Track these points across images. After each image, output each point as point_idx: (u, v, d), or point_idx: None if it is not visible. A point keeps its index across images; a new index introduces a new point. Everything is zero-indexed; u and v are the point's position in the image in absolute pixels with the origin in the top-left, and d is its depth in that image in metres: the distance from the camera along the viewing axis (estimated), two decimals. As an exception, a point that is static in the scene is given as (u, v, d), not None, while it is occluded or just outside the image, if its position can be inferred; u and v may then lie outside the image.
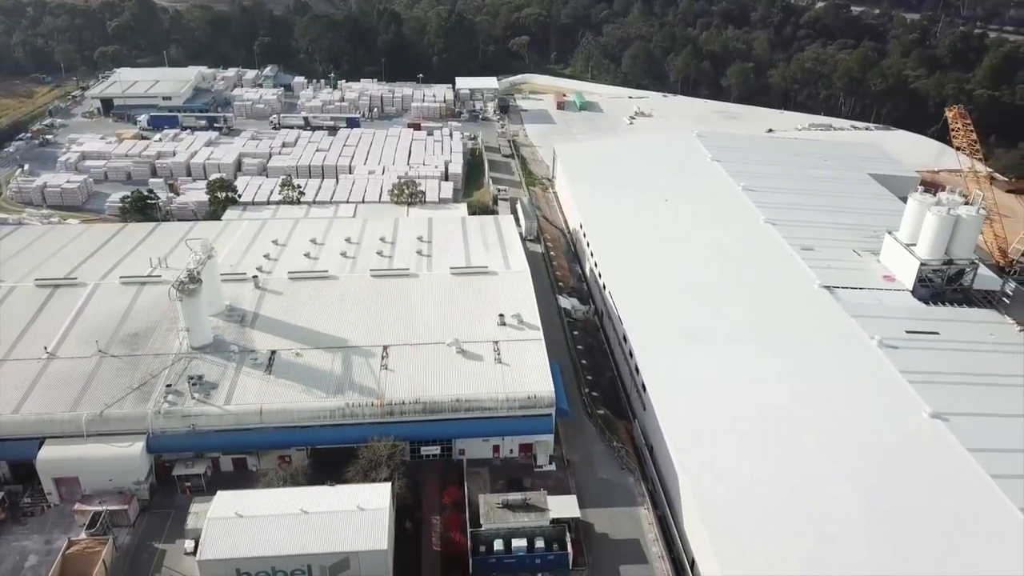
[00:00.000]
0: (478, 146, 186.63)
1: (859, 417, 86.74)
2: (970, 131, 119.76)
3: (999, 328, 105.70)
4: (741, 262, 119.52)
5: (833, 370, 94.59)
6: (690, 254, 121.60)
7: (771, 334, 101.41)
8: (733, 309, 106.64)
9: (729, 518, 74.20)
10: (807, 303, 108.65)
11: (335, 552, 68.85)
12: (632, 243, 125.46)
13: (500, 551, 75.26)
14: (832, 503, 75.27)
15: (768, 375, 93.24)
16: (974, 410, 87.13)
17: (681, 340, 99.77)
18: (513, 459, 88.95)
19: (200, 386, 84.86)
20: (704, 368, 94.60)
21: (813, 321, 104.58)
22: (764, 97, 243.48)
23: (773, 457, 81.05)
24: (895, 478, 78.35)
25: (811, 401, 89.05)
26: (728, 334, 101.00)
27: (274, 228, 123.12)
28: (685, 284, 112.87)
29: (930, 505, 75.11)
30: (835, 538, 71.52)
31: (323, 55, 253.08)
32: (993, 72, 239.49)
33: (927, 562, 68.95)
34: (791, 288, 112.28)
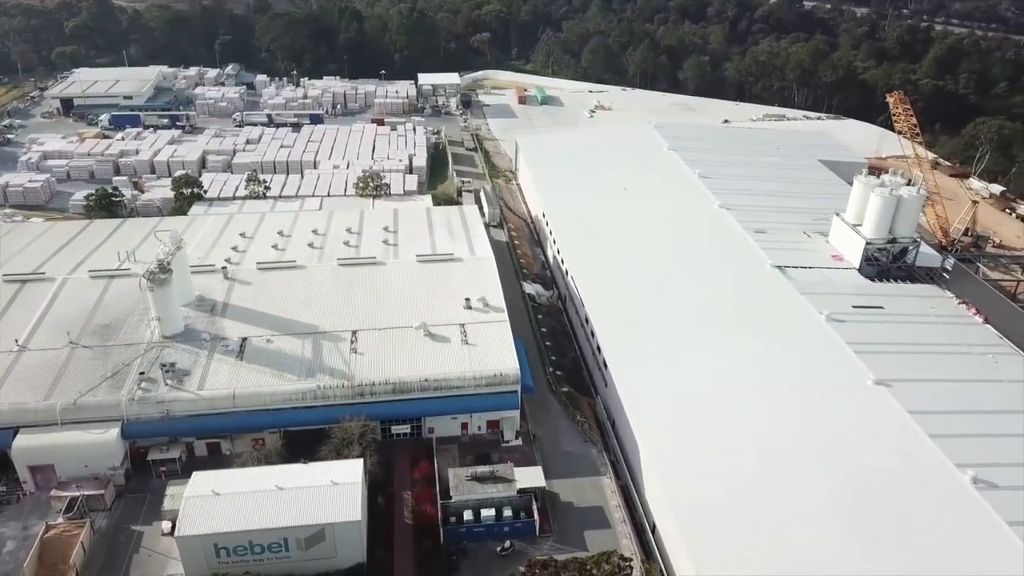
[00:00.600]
0: (441, 140, 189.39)
1: (809, 384, 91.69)
2: (910, 115, 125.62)
3: (939, 302, 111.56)
4: (697, 245, 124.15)
5: (784, 343, 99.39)
6: (649, 239, 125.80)
7: (726, 312, 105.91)
8: (690, 289, 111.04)
9: (687, 485, 78.01)
10: (760, 282, 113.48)
11: (310, 524, 71.43)
12: (593, 230, 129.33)
13: (470, 521, 78.58)
14: (785, 465, 79.69)
15: (723, 349, 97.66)
16: (915, 377, 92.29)
17: (641, 320, 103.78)
18: (481, 435, 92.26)
19: (173, 373, 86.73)
20: (663, 345, 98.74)
21: (765, 299, 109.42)
22: (720, 89, 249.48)
23: (729, 424, 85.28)
24: (843, 439, 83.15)
25: (764, 371, 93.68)
26: (685, 313, 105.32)
27: (241, 222, 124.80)
28: (644, 267, 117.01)
29: (874, 463, 79.95)
30: (788, 495, 75.93)
31: (285, 53, 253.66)
32: (938, 63, 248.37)
33: (871, 513, 73.71)
34: (745, 268, 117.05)
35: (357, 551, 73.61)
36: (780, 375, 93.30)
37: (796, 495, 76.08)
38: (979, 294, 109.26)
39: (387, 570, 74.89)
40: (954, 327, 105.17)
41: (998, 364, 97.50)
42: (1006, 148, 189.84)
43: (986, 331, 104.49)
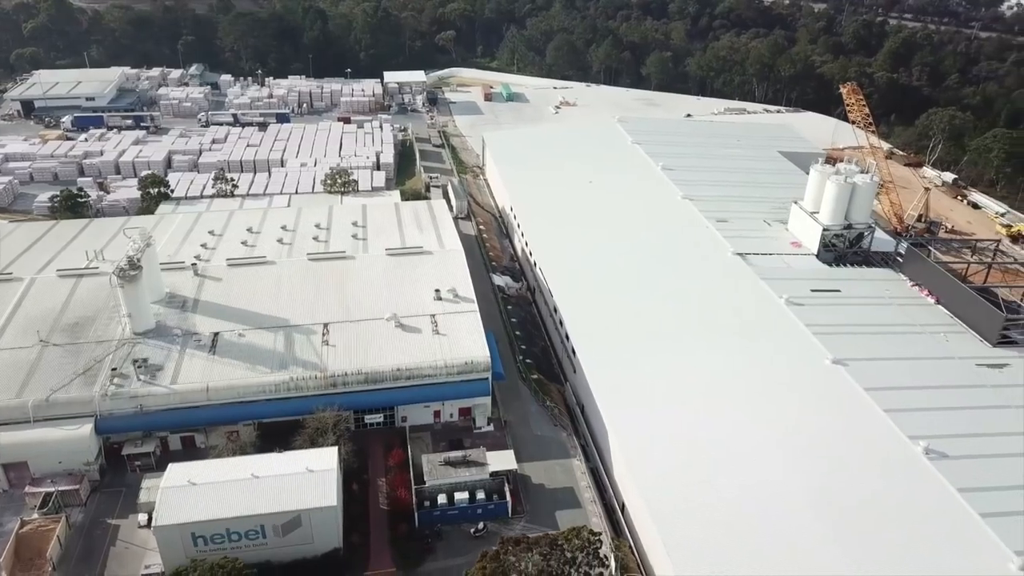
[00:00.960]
0: (408, 137, 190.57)
1: (770, 364, 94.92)
2: (863, 106, 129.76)
3: (894, 285, 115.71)
4: (661, 235, 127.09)
5: (746, 326, 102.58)
6: (614, 229, 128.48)
7: (690, 297, 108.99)
8: (655, 277, 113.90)
9: (655, 465, 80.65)
10: (722, 269, 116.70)
11: (286, 511, 72.75)
12: (560, 222, 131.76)
13: (444, 504, 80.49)
14: (748, 441, 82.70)
15: (688, 334, 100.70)
16: (870, 356, 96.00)
17: (608, 308, 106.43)
18: (453, 423, 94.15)
19: (145, 368, 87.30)
20: (629, 331, 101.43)
21: (727, 284, 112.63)
22: (682, 84, 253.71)
23: (694, 405, 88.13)
24: (802, 415, 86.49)
25: (727, 353, 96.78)
26: (651, 301, 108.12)
27: (209, 220, 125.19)
28: (611, 257, 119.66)
29: (832, 436, 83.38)
30: (752, 470, 78.94)
31: (249, 53, 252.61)
32: (892, 56, 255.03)
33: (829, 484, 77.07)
34: (707, 256, 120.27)
35: (333, 536, 75.09)
36: (742, 357, 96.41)
37: (759, 470, 79.12)
38: (931, 277, 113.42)
39: (363, 554, 76.52)
40: (907, 308, 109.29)
41: (949, 342, 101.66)
42: (958, 138, 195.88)
43: (938, 311, 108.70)
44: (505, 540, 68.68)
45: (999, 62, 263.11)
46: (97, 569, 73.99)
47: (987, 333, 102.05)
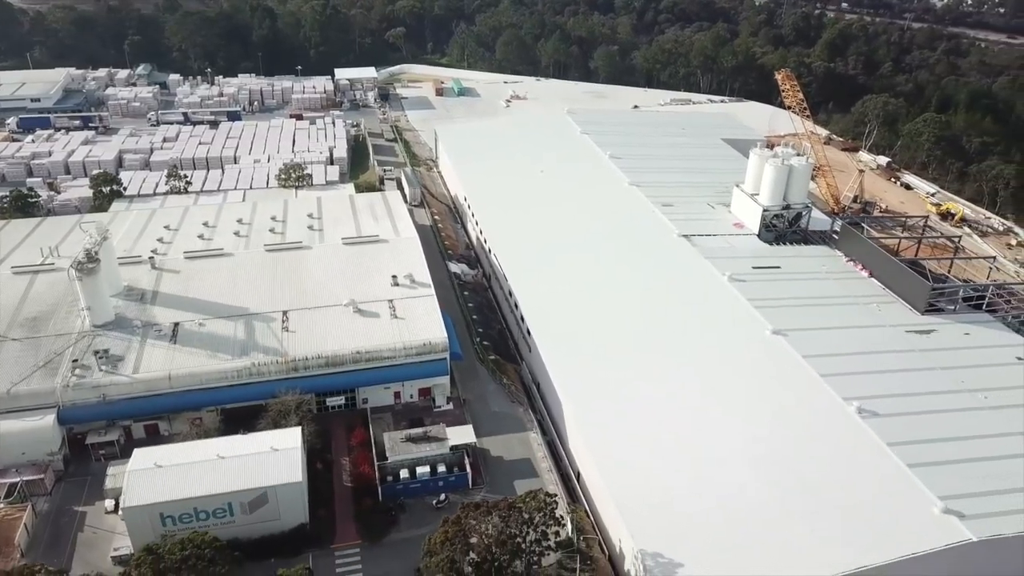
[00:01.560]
0: (361, 133, 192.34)
1: (714, 336, 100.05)
2: (797, 91, 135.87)
3: (830, 260, 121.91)
4: (610, 220, 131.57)
5: (691, 302, 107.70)
6: (566, 216, 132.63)
7: (639, 277, 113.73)
8: (606, 259, 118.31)
9: (608, 434, 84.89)
10: (668, 250, 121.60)
11: (253, 488, 75.06)
12: (513, 210, 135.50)
13: (406, 478, 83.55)
14: (695, 407, 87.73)
15: (638, 311, 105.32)
16: (808, 326, 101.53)
17: (561, 288, 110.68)
18: (413, 403, 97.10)
19: (107, 359, 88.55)
20: (582, 310, 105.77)
21: (674, 264, 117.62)
22: (630, 77, 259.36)
23: (644, 376, 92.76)
24: (745, 383, 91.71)
25: (674, 326, 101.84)
26: (602, 280, 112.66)
27: (165, 215, 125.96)
28: (563, 242, 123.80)
29: (773, 401, 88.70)
30: (698, 432, 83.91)
31: (197, 52, 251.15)
32: (829, 47, 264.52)
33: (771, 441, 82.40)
34: (654, 239, 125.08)
35: (299, 512, 77.58)
36: (689, 330, 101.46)
37: (706, 434, 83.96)
38: (864, 252, 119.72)
39: (329, 528, 79.20)
40: (842, 281, 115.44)
41: (881, 311, 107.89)
42: (892, 123, 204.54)
43: (871, 284, 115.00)
44: (466, 506, 72.07)
45: (930, 51, 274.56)
46: (66, 554, 75.41)
47: (916, 302, 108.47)
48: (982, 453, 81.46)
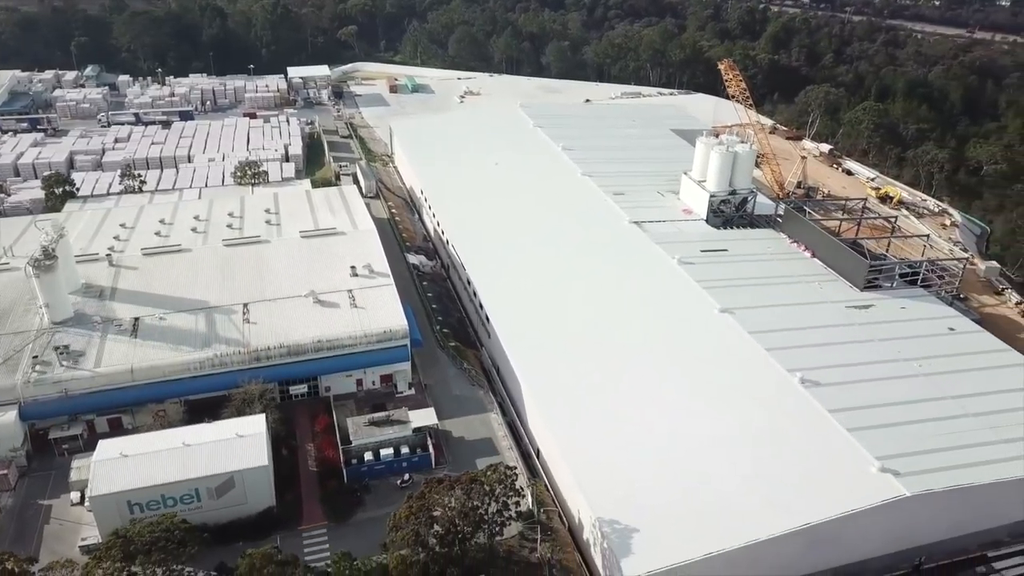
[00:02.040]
0: (316, 130, 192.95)
1: (665, 316, 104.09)
2: (740, 81, 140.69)
3: (775, 243, 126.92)
4: (564, 209, 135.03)
5: (644, 285, 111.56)
6: (521, 206, 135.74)
7: (592, 262, 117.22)
8: (560, 247, 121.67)
9: (565, 411, 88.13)
10: (620, 236, 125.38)
11: (219, 473, 76.64)
12: (470, 201, 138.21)
13: (370, 460, 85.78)
14: (648, 381, 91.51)
15: (592, 294, 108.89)
16: (754, 304, 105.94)
17: (518, 275, 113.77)
18: (375, 389, 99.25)
19: (67, 354, 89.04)
20: (539, 295, 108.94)
21: (625, 249, 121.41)
22: (581, 72, 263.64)
23: (599, 355, 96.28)
24: (696, 358, 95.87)
25: (627, 308, 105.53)
26: (557, 266, 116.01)
27: (120, 214, 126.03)
28: (518, 230, 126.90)
29: (722, 373, 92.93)
30: (651, 405, 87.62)
31: (147, 52, 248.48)
32: (773, 40, 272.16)
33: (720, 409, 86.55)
34: (607, 226, 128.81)
35: (266, 495, 79.34)
36: (641, 311, 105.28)
37: (658, 405, 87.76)
38: (807, 233, 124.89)
39: (296, 511, 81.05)
40: (787, 262, 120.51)
41: (823, 289, 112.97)
42: (834, 112, 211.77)
43: (813, 263, 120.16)
44: (429, 481, 74.62)
45: (869, 43, 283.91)
46: (33, 546, 76.00)
47: (855, 279, 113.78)
48: (916, 416, 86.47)
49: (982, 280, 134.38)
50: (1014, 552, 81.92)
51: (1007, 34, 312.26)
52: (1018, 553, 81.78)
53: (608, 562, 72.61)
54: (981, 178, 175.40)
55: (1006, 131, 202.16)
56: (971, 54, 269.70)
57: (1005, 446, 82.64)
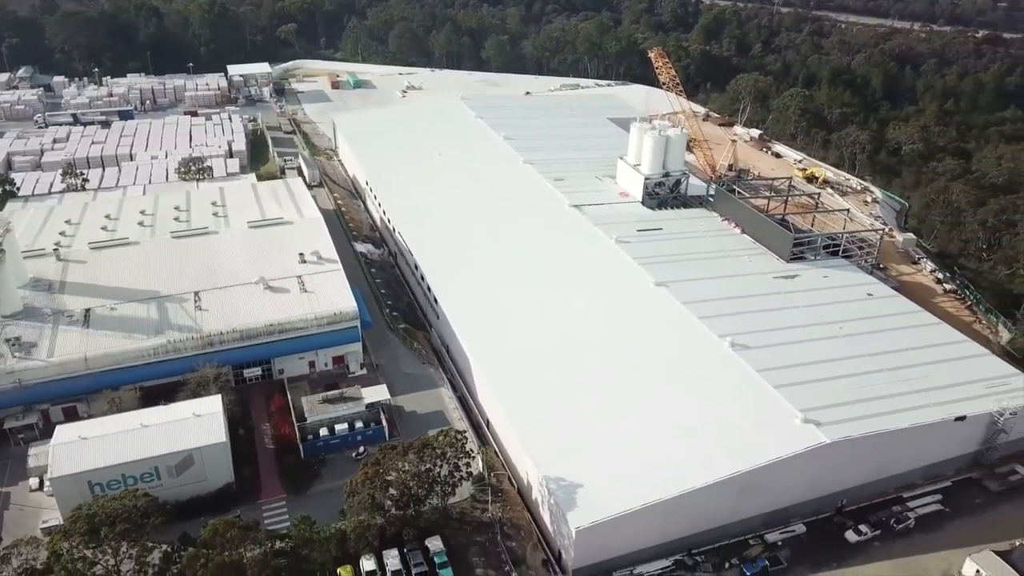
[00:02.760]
0: (259, 126, 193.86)
1: (605, 291, 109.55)
2: (669, 68, 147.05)
3: (706, 221, 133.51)
4: (507, 195, 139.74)
5: (583, 263, 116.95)
6: (465, 193, 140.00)
7: (535, 244, 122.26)
8: (504, 231, 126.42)
9: (512, 381, 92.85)
10: (561, 219, 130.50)
11: (178, 451, 79.24)
12: (415, 190, 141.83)
13: (326, 436, 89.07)
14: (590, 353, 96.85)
15: (535, 273, 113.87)
16: (687, 278, 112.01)
17: (465, 259, 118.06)
18: (328, 371, 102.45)
19: (19, 346, 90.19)
20: (485, 277, 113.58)
21: (566, 231, 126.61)
22: (521, 65, 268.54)
23: (543, 329, 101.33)
24: (634, 328, 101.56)
25: (568, 286, 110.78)
26: (501, 249, 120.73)
27: (64, 210, 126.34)
28: (463, 215, 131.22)
29: (657, 341, 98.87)
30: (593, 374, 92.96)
31: (82, 52, 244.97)
32: (705, 31, 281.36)
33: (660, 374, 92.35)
34: (548, 209, 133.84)
35: (225, 472, 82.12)
36: (581, 287, 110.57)
37: (599, 372, 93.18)
38: (736, 211, 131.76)
39: (255, 486, 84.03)
40: (718, 238, 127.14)
41: (751, 262, 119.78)
42: (763, 100, 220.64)
43: (742, 239, 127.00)
44: (383, 448, 78.45)
45: (796, 33, 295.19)
46: (-6, 531, 77.51)
47: (781, 252, 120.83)
48: (836, 373, 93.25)
49: (900, 251, 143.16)
50: (927, 492, 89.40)
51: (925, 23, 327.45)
52: (930, 492, 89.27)
53: (555, 517, 77.50)
54: (900, 158, 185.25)
55: (923, 114, 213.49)
56: (891, 42, 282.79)
57: (916, 396, 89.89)
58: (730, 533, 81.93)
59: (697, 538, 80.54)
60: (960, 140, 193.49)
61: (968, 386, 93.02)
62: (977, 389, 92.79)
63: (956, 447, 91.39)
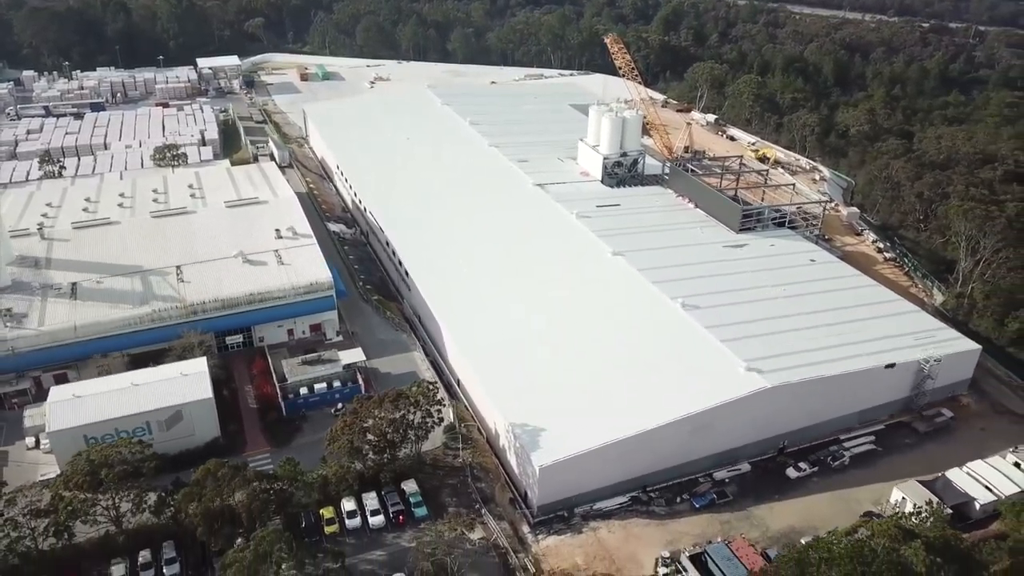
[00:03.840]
0: (230, 117, 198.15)
1: (566, 260, 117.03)
2: (625, 53, 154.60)
3: (662, 197, 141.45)
4: (473, 175, 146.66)
5: (545, 236, 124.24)
6: (433, 175, 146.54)
7: (500, 220, 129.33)
8: (471, 208, 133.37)
9: (480, 342, 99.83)
10: (525, 197, 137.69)
11: (168, 407, 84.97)
12: (385, 173, 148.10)
13: (306, 394, 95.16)
14: (553, 315, 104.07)
15: (500, 246, 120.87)
16: (642, 247, 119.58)
17: (433, 235, 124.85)
18: (306, 338, 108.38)
19: (11, 316, 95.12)
20: (452, 250, 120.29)
21: (530, 208, 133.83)
22: (486, 57, 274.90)
23: (510, 295, 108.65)
24: (594, 292, 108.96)
25: (532, 256, 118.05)
26: (468, 225, 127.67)
27: (44, 195, 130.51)
28: (432, 196, 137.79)
29: (615, 303, 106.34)
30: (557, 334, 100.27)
31: (50, 47, 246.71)
32: (664, 23, 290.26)
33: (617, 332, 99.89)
34: (512, 189, 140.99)
35: (211, 427, 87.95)
36: (545, 257, 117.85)
37: (561, 331, 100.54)
38: (690, 187, 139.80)
39: (240, 440, 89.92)
40: (672, 212, 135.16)
41: (703, 233, 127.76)
42: (720, 87, 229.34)
43: (696, 213, 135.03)
44: (360, 398, 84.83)
45: (752, 24, 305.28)
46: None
47: (731, 223, 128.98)
48: (778, 328, 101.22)
49: (845, 224, 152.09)
50: (862, 435, 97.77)
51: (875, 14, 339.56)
52: (865, 435, 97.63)
53: (521, 459, 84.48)
54: (848, 140, 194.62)
55: (872, 99, 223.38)
56: (842, 32, 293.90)
57: (851, 347, 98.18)
58: (682, 472, 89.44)
59: (652, 477, 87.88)
60: (905, 123, 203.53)
61: (899, 338, 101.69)
62: (907, 341, 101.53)
63: (888, 393, 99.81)
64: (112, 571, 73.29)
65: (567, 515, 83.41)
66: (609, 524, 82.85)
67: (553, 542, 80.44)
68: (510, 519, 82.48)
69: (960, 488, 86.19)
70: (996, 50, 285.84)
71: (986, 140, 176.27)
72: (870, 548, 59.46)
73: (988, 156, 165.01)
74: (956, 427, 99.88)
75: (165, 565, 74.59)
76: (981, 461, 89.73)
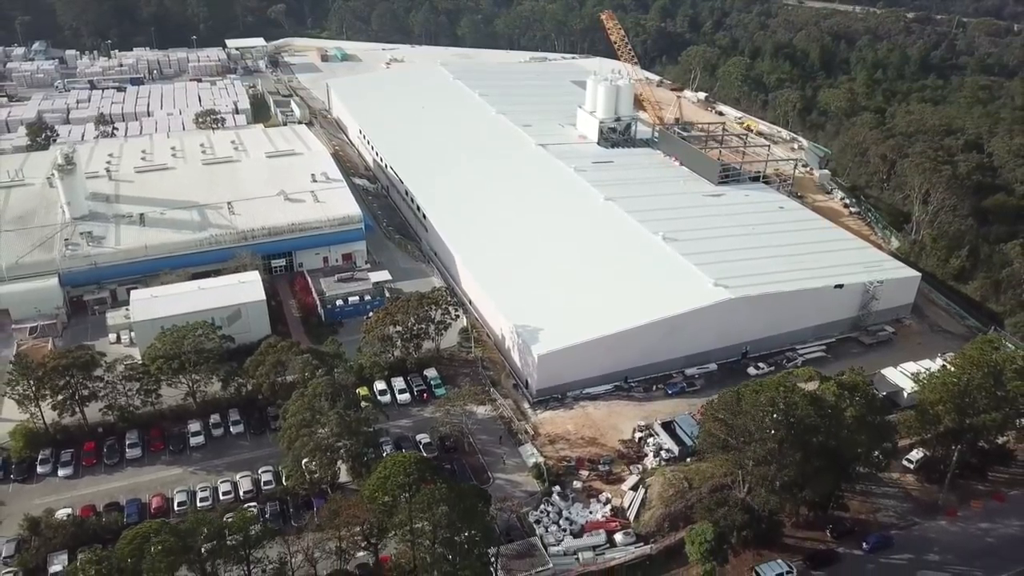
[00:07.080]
0: (259, 91, 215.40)
1: (564, 204, 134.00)
2: (619, 28, 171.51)
3: (651, 156, 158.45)
4: (482, 138, 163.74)
5: (547, 186, 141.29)
6: (446, 137, 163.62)
7: (507, 173, 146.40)
8: (480, 163, 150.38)
9: (488, 267, 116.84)
10: (528, 155, 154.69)
11: (230, 305, 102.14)
12: (403, 135, 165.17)
13: (341, 304, 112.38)
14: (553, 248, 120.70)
15: (506, 194, 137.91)
16: (631, 195, 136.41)
17: (447, 186, 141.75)
18: (339, 266, 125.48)
19: (92, 237, 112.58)
20: (464, 197, 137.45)
21: (532, 164, 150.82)
22: (493, 42, 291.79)
23: (514, 232, 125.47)
24: (588, 230, 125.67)
25: (534, 201, 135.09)
26: (478, 176, 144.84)
27: (103, 148, 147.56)
28: (445, 153, 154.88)
29: (606, 238, 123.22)
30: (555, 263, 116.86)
31: (90, 29, 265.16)
32: (662, 11, 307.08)
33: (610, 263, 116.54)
34: (517, 147, 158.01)
35: (264, 326, 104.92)
36: (545, 203, 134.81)
37: (559, 258, 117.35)
38: (676, 148, 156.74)
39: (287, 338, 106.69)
40: (659, 169, 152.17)
41: (686, 184, 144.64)
42: (712, 70, 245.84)
43: (681, 169, 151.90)
44: (391, 299, 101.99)
45: (746, 13, 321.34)
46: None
47: (711, 177, 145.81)
48: (743, 257, 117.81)
49: (817, 184, 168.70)
50: (814, 346, 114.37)
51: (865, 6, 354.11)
52: (817, 346, 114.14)
53: (523, 352, 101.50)
54: (828, 117, 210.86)
55: (854, 82, 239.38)
56: (829, 20, 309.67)
57: (807, 271, 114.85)
58: (659, 369, 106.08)
59: (633, 372, 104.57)
60: (884, 104, 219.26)
61: (849, 267, 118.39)
62: (856, 269, 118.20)
63: (839, 311, 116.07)
64: (189, 427, 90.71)
65: (561, 397, 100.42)
66: (596, 403, 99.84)
67: (549, 415, 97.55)
68: (514, 399, 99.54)
69: (892, 381, 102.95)
70: (976, 38, 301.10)
71: (954, 115, 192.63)
72: (793, 384, 76.41)
73: (953, 129, 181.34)
74: (897, 341, 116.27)
75: (231, 426, 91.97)
76: (912, 362, 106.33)
